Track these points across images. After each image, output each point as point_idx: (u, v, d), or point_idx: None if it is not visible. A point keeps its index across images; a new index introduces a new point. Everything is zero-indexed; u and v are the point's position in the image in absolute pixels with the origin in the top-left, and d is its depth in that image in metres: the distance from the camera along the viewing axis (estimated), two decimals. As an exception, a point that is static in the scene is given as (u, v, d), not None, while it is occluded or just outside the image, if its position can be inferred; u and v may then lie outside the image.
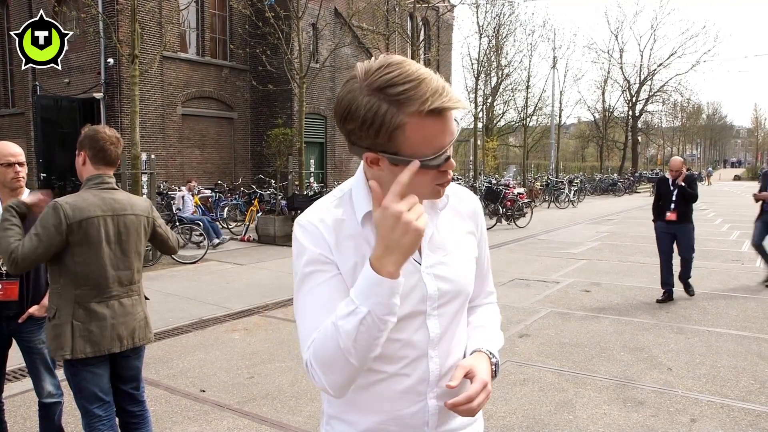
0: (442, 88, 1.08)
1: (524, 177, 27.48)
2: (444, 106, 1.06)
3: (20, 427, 3.71)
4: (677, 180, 6.94)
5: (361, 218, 1.21)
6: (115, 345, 2.65)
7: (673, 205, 6.91)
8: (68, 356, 2.54)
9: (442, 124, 1.08)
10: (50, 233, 2.47)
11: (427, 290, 1.23)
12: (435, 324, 1.24)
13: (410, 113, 1.05)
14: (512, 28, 29.23)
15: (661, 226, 7.08)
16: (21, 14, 19.73)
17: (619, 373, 4.66)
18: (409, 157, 1.08)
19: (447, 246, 1.27)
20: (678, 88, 42.12)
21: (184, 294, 7.50)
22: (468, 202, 1.37)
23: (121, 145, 2.72)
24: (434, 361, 1.25)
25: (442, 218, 1.29)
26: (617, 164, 45.29)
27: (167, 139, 17.99)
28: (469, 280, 1.30)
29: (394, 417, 1.25)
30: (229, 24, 20.07)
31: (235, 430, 3.70)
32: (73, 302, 2.55)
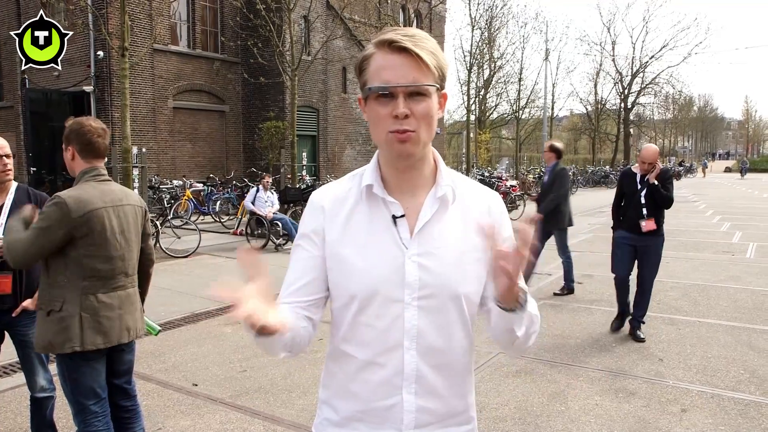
0: (408, 30, 1.18)
1: (517, 169, 27.54)
2: (392, 38, 1.15)
3: (11, 422, 3.69)
4: (649, 176, 5.18)
5: (360, 192, 1.27)
6: (125, 335, 2.64)
7: (645, 210, 5.18)
8: (78, 348, 2.49)
9: (393, 60, 1.16)
10: (53, 228, 2.45)
11: (406, 277, 1.21)
12: (413, 315, 1.22)
13: (374, 44, 1.18)
14: (505, 21, 29.28)
15: (623, 236, 5.37)
16: (9, 7, 19.49)
17: (611, 364, 4.69)
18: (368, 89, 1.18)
19: (443, 239, 1.24)
20: (670, 81, 42.25)
21: (176, 288, 7.48)
22: (484, 201, 1.32)
23: (108, 136, 2.69)
24: (410, 353, 1.23)
25: (449, 211, 1.26)
26: (609, 156, 45.43)
27: (158, 133, 17.88)
28: (460, 279, 1.24)
29: (371, 408, 1.25)
30: (220, 16, 19.92)
31: (227, 423, 3.70)
32: (80, 294, 2.51)
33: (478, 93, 28.71)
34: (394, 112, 1.15)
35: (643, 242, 5.26)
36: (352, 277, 1.23)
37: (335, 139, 22.45)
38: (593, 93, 41.39)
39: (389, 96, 1.15)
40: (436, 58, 1.17)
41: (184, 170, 18.39)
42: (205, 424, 3.68)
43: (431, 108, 1.18)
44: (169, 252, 9.76)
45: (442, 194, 1.25)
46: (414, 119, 1.16)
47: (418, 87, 1.15)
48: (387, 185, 1.26)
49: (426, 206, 1.25)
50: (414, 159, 1.22)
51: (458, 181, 1.30)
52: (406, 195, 1.26)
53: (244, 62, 19.87)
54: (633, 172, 5.40)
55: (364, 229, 1.24)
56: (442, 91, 1.21)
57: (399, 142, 1.17)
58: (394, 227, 1.23)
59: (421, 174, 1.26)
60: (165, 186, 14.90)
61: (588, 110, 42.35)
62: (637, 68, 39.81)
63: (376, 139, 1.21)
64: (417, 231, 1.23)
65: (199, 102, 19.36)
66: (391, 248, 1.22)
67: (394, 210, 1.24)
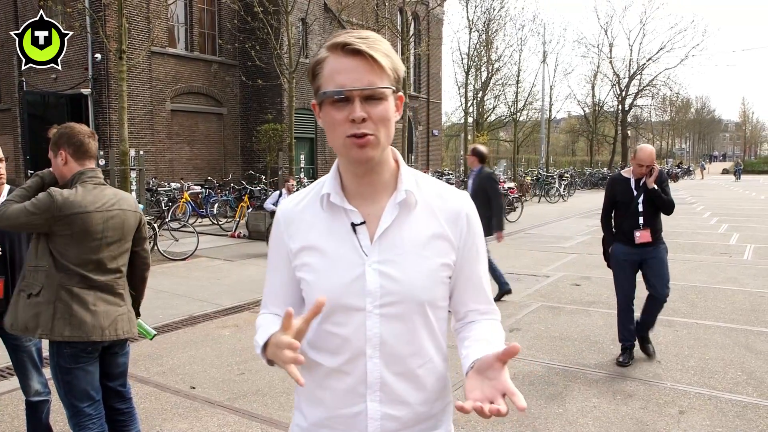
0: (361, 33, 1.16)
1: (515, 171, 27.57)
2: (345, 41, 1.13)
3: (7, 426, 3.68)
4: (647, 180, 4.62)
5: (321, 199, 1.26)
6: (96, 333, 2.58)
7: (641, 219, 4.63)
8: (45, 336, 2.52)
9: (347, 64, 1.13)
10: (36, 214, 2.48)
11: (367, 285, 1.20)
12: (375, 323, 1.21)
13: (327, 48, 1.16)
14: (502, 23, 29.22)
15: (622, 251, 4.74)
16: (6, 9, 19.49)
17: (608, 367, 4.69)
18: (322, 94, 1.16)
19: (404, 245, 1.22)
20: (667, 83, 42.45)
21: (174, 290, 7.46)
22: (451, 203, 1.27)
23: (96, 139, 2.75)
24: (374, 362, 1.22)
25: (411, 216, 1.24)
26: (607, 158, 45.50)
27: (156, 135, 17.87)
28: (423, 285, 1.22)
29: (337, 415, 1.26)
30: (217, 19, 19.94)
31: (225, 426, 3.69)
32: (57, 284, 2.53)
33: (476, 95, 28.72)
34: (351, 116, 1.12)
35: (645, 254, 4.67)
36: (315, 287, 1.23)
37: (333, 141, 22.41)
38: (591, 95, 41.39)
39: (345, 100, 1.13)
40: (391, 60, 1.16)
41: (182, 173, 18.38)
42: (203, 427, 3.67)
43: (388, 111, 1.16)
44: (167, 255, 9.74)
45: (402, 199, 1.22)
46: (371, 123, 1.14)
47: (375, 90, 1.13)
48: (347, 192, 1.25)
49: (386, 212, 1.23)
50: (373, 163, 1.20)
51: (423, 184, 1.27)
52: (367, 201, 1.24)
53: (241, 65, 19.89)
54: (625, 178, 4.75)
55: (325, 239, 1.24)
56: (398, 94, 1.19)
57: (357, 147, 1.15)
58: (354, 235, 1.22)
59: (381, 178, 1.24)
60: (163, 188, 14.89)
61: (586, 112, 42.38)
62: (634, 70, 39.90)
63: (333, 145, 1.20)
64: (377, 238, 1.21)
65: (197, 104, 19.36)
66: (351, 256, 1.21)
67: (353, 218, 1.23)
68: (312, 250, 1.25)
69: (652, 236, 4.63)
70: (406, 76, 17.69)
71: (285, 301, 1.35)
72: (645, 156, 4.60)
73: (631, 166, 4.76)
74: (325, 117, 1.18)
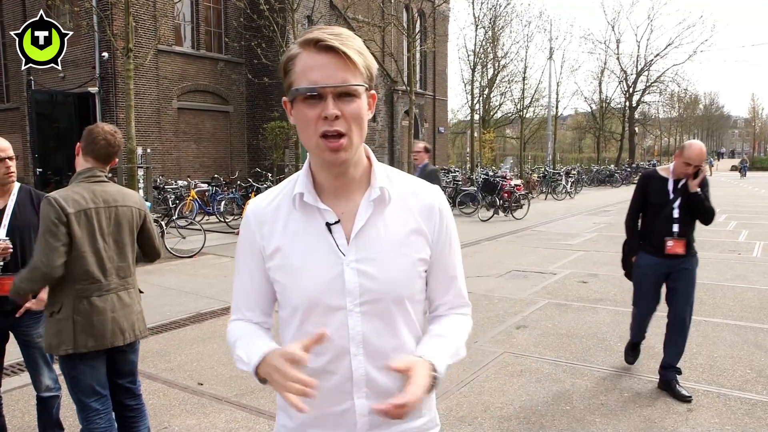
0: (333, 29, 1.14)
1: (521, 168, 27.50)
2: (318, 37, 1.12)
3: (19, 421, 3.71)
4: (689, 183, 3.95)
5: (294, 198, 1.25)
6: (118, 338, 2.66)
7: (676, 226, 4.00)
8: (71, 351, 2.53)
9: (320, 60, 1.12)
10: (55, 224, 2.46)
11: (346, 285, 1.20)
12: (357, 321, 1.21)
13: (299, 44, 1.15)
14: (508, 19, 29.16)
15: (648, 262, 4.14)
16: (15, 9, 19.59)
17: (616, 364, 4.68)
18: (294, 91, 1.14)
19: (380, 242, 1.22)
20: (675, 79, 42.14)
21: (181, 288, 7.49)
22: (424, 198, 1.28)
23: (116, 144, 2.68)
24: (358, 359, 1.22)
25: (386, 213, 1.24)
26: (614, 155, 45.32)
27: (163, 133, 17.93)
28: (402, 282, 1.23)
29: (325, 414, 1.26)
30: (224, 17, 19.96)
31: (232, 422, 3.70)
32: (73, 297, 2.55)
33: (482, 92, 28.66)
34: (324, 114, 1.12)
35: (675, 267, 4.05)
36: (292, 288, 1.23)
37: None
38: (598, 91, 41.28)
39: (317, 97, 1.12)
40: (363, 57, 1.15)
41: (189, 170, 18.44)
42: (211, 423, 3.69)
43: (361, 108, 1.15)
44: (174, 252, 9.78)
45: (376, 196, 1.22)
46: (344, 120, 1.13)
47: (348, 87, 1.12)
48: (320, 190, 1.24)
49: (361, 210, 1.23)
50: (347, 164, 1.20)
51: (396, 180, 1.28)
52: (341, 200, 1.24)
53: (248, 62, 19.90)
54: (661, 176, 4.09)
55: (300, 239, 1.23)
56: (370, 92, 1.19)
57: (331, 151, 1.14)
58: (329, 234, 1.22)
59: (354, 177, 1.24)
60: (170, 186, 14.94)
61: (592, 109, 42.24)
62: (642, 66, 39.71)
63: (305, 143, 1.18)
64: (353, 236, 1.21)
65: (204, 102, 19.41)
66: (328, 256, 1.21)
67: (327, 217, 1.22)
68: (287, 251, 1.23)
69: (685, 248, 4.03)
70: (412, 73, 17.59)
71: (259, 303, 1.33)
72: (695, 154, 3.85)
73: (671, 163, 4.08)
74: (297, 114, 1.16)
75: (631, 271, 4.35)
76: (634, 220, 4.29)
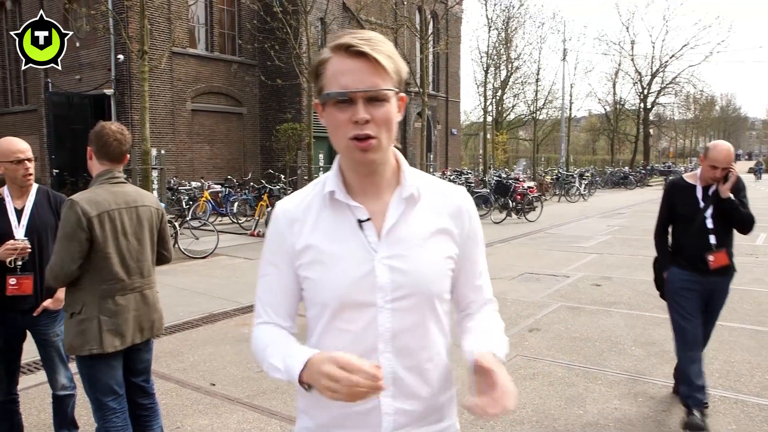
0: (364, 34, 1.16)
1: (534, 170, 27.37)
2: (349, 42, 1.13)
3: (35, 419, 3.75)
4: (720, 188, 3.53)
5: (324, 197, 1.26)
6: (137, 336, 2.69)
7: (713, 237, 3.59)
8: (96, 351, 2.54)
9: (350, 65, 1.13)
10: (73, 230, 2.48)
11: (378, 280, 1.21)
12: (387, 318, 1.22)
13: (330, 48, 1.16)
14: (522, 21, 29.06)
15: (684, 278, 3.66)
16: (33, 11, 19.83)
17: (630, 368, 4.63)
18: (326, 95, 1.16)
19: (411, 240, 1.24)
20: (691, 80, 41.63)
21: (194, 288, 7.54)
22: (452, 198, 1.31)
23: (126, 142, 2.70)
24: (386, 357, 1.22)
25: (415, 211, 1.26)
26: (629, 157, 44.94)
27: (177, 135, 18.07)
28: (432, 278, 1.25)
29: (350, 413, 1.24)
30: (237, 19, 20.10)
31: (244, 423, 3.72)
32: (99, 297, 2.56)
33: (495, 94, 28.59)
34: (354, 118, 1.13)
35: (712, 283, 3.65)
36: (323, 285, 1.23)
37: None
38: (612, 93, 40.98)
39: (348, 101, 1.14)
40: (393, 61, 1.17)
41: (202, 172, 18.56)
42: (223, 424, 3.71)
43: (391, 112, 1.17)
44: (188, 253, 9.85)
45: (408, 194, 1.25)
46: (374, 124, 1.15)
47: (378, 92, 1.14)
48: (350, 189, 1.26)
49: (392, 208, 1.24)
50: (376, 164, 1.22)
51: (423, 181, 1.30)
52: (371, 198, 1.26)
53: (261, 65, 20.01)
54: (688, 184, 3.67)
55: (331, 236, 1.24)
56: (400, 95, 1.20)
57: (360, 151, 1.16)
58: (360, 231, 1.23)
59: (383, 177, 1.26)
60: (183, 187, 15.05)
61: (606, 110, 41.93)
62: (656, 68, 39.35)
63: (336, 145, 1.20)
64: (385, 233, 1.23)
65: (217, 104, 19.54)
66: (359, 253, 1.22)
67: (358, 214, 1.24)
68: (318, 248, 1.24)
69: (729, 258, 3.65)
70: (425, 75, 17.50)
71: (285, 305, 1.31)
72: (721, 156, 3.44)
73: (697, 168, 3.71)
74: (328, 117, 1.19)
75: None
76: (663, 233, 3.84)
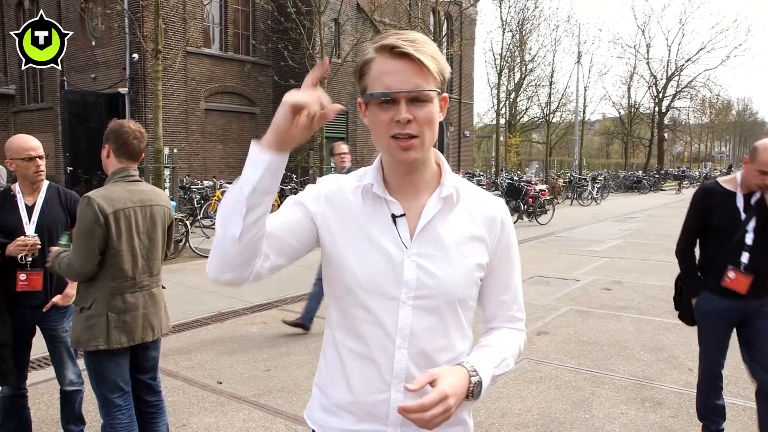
0: (408, 35, 1.17)
1: (547, 174, 27.23)
2: (393, 43, 1.14)
3: (43, 414, 3.80)
4: (767, 194, 2.91)
5: (361, 190, 1.27)
6: (148, 334, 2.72)
7: (746, 256, 2.96)
8: (103, 347, 2.57)
9: (394, 66, 1.15)
10: (91, 227, 2.52)
11: (404, 276, 1.22)
12: (407, 314, 1.23)
13: (374, 49, 1.18)
14: (536, 23, 28.95)
15: (712, 301, 3.11)
16: (50, 10, 20.08)
17: (638, 373, 4.60)
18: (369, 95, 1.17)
19: (443, 242, 1.25)
20: (707, 84, 41.25)
21: (204, 287, 7.59)
22: (488, 207, 1.31)
23: (144, 140, 2.75)
24: (401, 352, 1.23)
25: (451, 214, 1.27)
26: (643, 161, 44.57)
27: (190, 134, 18.21)
28: (458, 284, 1.25)
29: (360, 401, 1.27)
30: (251, 19, 20.21)
31: (250, 421, 3.74)
32: (108, 294, 2.60)
33: (509, 96, 28.49)
34: (396, 117, 1.15)
35: (750, 309, 3.05)
36: (349, 270, 1.24)
37: (364, 141, 22.51)
38: (626, 96, 40.72)
39: (391, 101, 1.16)
40: (437, 62, 1.18)
41: (215, 171, 18.67)
42: (228, 422, 3.73)
43: (433, 113, 1.18)
44: (199, 251, 9.92)
45: (447, 195, 1.26)
46: (416, 124, 1.16)
47: (420, 92, 1.15)
48: (389, 186, 1.28)
49: (428, 207, 1.26)
50: (417, 163, 1.24)
51: (462, 186, 1.31)
52: (407, 196, 1.27)
53: (274, 65, 20.11)
54: (726, 191, 3.04)
55: (364, 227, 1.25)
56: (442, 95, 1.22)
57: (401, 150, 1.17)
58: (394, 226, 1.24)
59: (422, 177, 1.27)
60: (195, 186, 15.16)
61: (621, 114, 41.65)
62: (672, 71, 39.03)
63: (377, 144, 1.22)
64: (418, 231, 1.24)
65: (231, 104, 19.66)
66: (390, 246, 1.23)
67: (394, 209, 1.25)
68: (351, 235, 1.25)
69: (756, 287, 2.97)
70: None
71: (278, 239, 1.22)
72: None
73: (737, 171, 3.19)
74: (370, 117, 1.20)
75: (689, 315, 3.31)
76: (689, 248, 3.19)
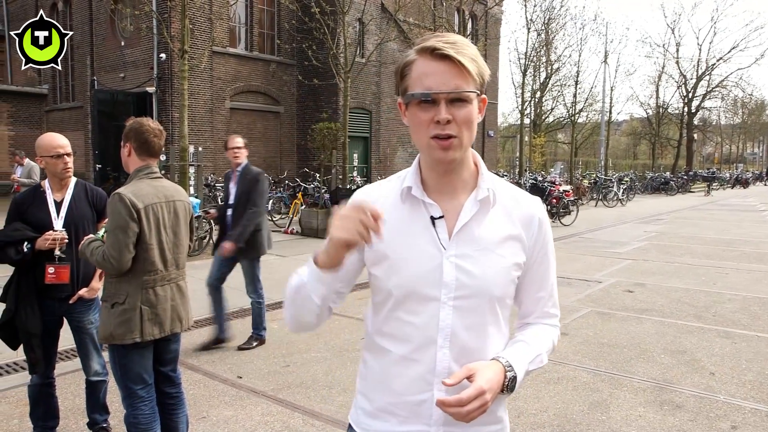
0: (449, 37, 1.20)
1: (571, 174, 26.91)
2: (434, 45, 1.17)
3: (70, 403, 3.92)
4: None
5: (400, 193, 1.30)
6: (176, 325, 2.82)
7: None
8: (138, 339, 2.66)
9: (435, 67, 1.18)
10: (126, 221, 2.60)
11: (443, 277, 1.25)
12: (448, 314, 1.25)
13: (416, 51, 1.21)
14: (562, 22, 28.57)
15: None
16: (82, 12, 20.57)
17: (657, 376, 4.55)
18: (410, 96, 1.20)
19: (481, 242, 1.27)
20: (739, 83, 40.33)
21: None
22: (525, 207, 1.33)
23: (163, 137, 2.85)
24: (443, 351, 1.26)
25: (489, 214, 1.29)
26: (671, 162, 43.74)
27: (215, 132, 18.46)
28: (496, 283, 1.27)
29: (403, 401, 1.29)
30: (276, 19, 20.40)
31: (268, 416, 3.80)
32: (141, 287, 2.68)
33: (534, 96, 28.22)
34: (436, 118, 1.18)
35: None
36: (390, 274, 1.27)
37: (387, 140, 22.56)
38: (654, 96, 40.00)
39: (431, 102, 1.19)
40: (477, 64, 1.20)
41: (240, 169, 18.88)
42: (247, 415, 3.80)
43: (472, 113, 1.21)
44: (222, 248, 10.04)
45: (484, 197, 1.28)
46: (455, 125, 1.19)
47: (460, 94, 1.18)
48: (427, 187, 1.30)
49: (466, 208, 1.28)
50: (455, 164, 1.26)
51: (499, 186, 1.33)
52: (446, 197, 1.29)
53: (299, 64, 20.25)
54: None
55: (404, 230, 1.28)
56: (482, 96, 1.24)
57: (441, 149, 1.21)
58: (432, 228, 1.27)
59: (460, 177, 1.30)
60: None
61: (648, 114, 40.92)
62: (703, 71, 38.21)
63: (417, 143, 1.25)
64: (456, 232, 1.26)
65: (255, 103, 19.88)
66: (429, 248, 1.26)
67: (432, 211, 1.28)
68: (389, 238, 1.26)
69: None
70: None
71: (342, 278, 1.32)
72: None
73: None
74: (411, 117, 1.24)
75: None
76: None
